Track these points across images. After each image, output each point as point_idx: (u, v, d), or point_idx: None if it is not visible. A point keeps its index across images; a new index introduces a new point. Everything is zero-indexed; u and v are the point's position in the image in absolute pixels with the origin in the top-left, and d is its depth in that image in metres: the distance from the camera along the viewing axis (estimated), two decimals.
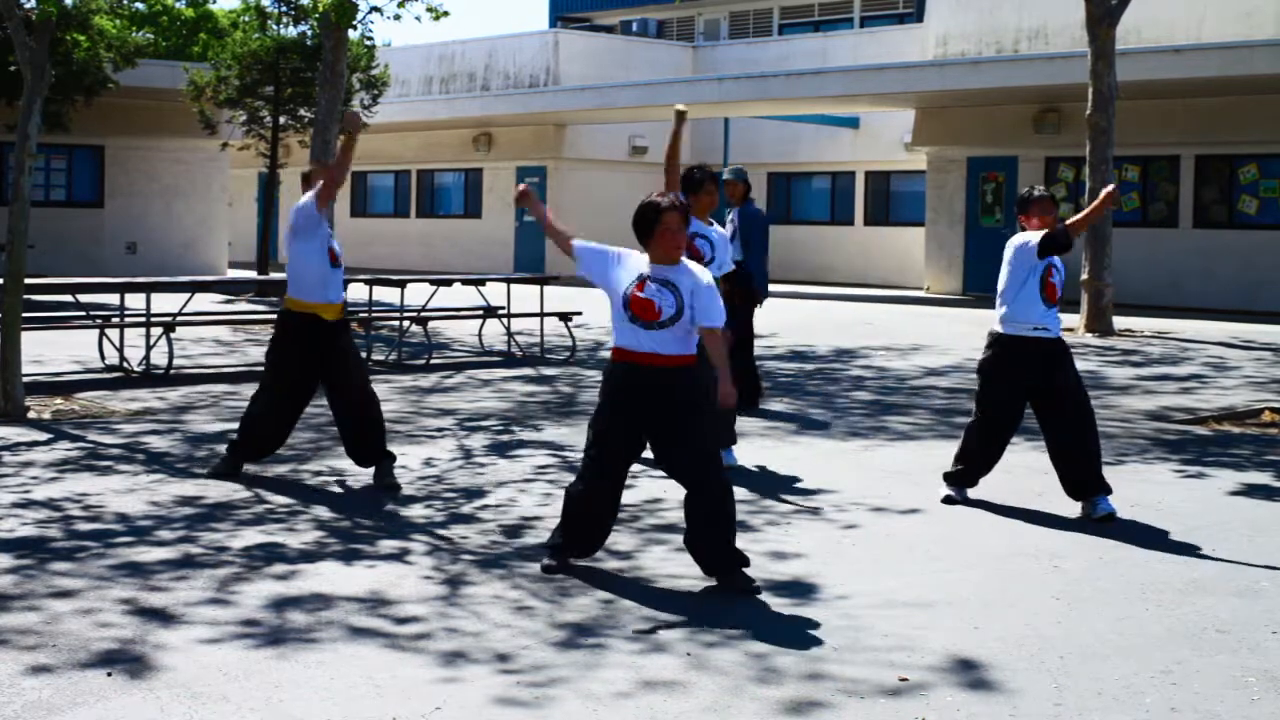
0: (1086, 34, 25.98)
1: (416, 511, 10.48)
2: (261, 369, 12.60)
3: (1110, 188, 10.75)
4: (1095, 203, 10.70)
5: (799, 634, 7.54)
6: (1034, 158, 34.98)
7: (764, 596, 8.24)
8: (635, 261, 8.58)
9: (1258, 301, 30.12)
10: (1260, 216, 31.41)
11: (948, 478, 11.13)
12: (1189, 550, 9.61)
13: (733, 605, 8.05)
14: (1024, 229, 10.80)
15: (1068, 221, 10.58)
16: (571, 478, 11.77)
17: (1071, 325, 26.00)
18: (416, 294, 23.14)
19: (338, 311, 11.39)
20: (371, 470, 11.47)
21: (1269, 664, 7.19)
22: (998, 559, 9.32)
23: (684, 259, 8.50)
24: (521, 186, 9.36)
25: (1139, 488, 11.26)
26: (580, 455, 12.81)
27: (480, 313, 21.81)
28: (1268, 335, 23.48)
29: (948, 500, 10.99)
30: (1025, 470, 12.45)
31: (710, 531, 8.38)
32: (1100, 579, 8.86)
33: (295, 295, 11.38)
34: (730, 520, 8.42)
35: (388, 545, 9.42)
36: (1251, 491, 11.48)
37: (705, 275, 8.47)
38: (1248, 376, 19.21)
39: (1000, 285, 10.76)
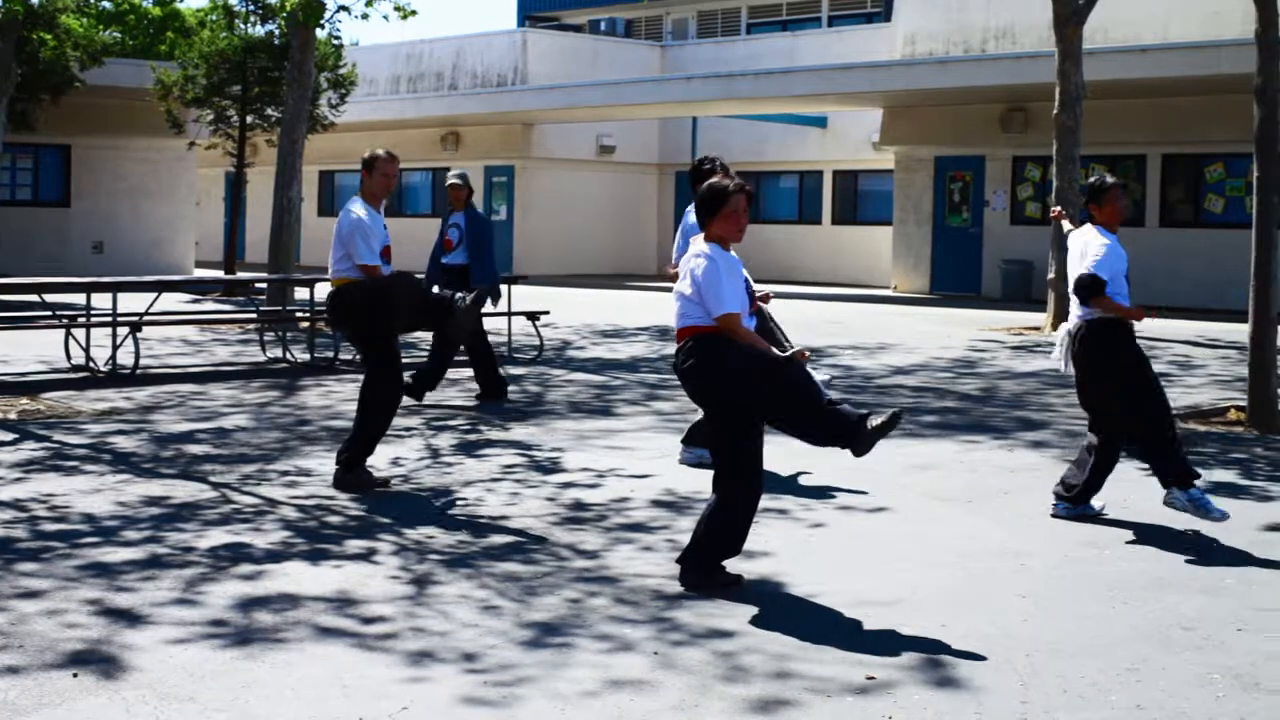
0: (1053, 34, 26.04)
1: (383, 511, 10.46)
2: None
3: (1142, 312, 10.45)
4: (1132, 311, 10.37)
5: (766, 633, 7.54)
6: (1001, 157, 35.09)
7: (731, 595, 8.24)
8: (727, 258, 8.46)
9: (1224, 300, 30.21)
10: (1226, 215, 31.55)
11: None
12: (1155, 548, 9.64)
13: (700, 604, 8.05)
14: (1093, 218, 10.49)
15: (1102, 297, 10.32)
16: (538, 476, 11.79)
17: (1038, 324, 26.09)
18: None
19: None
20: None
21: (1234, 661, 7.21)
22: (964, 557, 9.34)
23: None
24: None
25: (1105, 485, 11.27)
26: (548, 455, 12.83)
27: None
28: (1233, 334, 23.56)
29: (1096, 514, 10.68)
30: (991, 469, 12.49)
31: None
32: (1066, 577, 8.88)
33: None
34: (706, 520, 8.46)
35: (354, 545, 9.40)
36: (1217, 490, 11.51)
37: None
38: (1213, 375, 19.27)
39: (1107, 274, 10.18)
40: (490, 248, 16.37)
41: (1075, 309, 10.42)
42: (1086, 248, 10.36)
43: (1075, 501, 10.52)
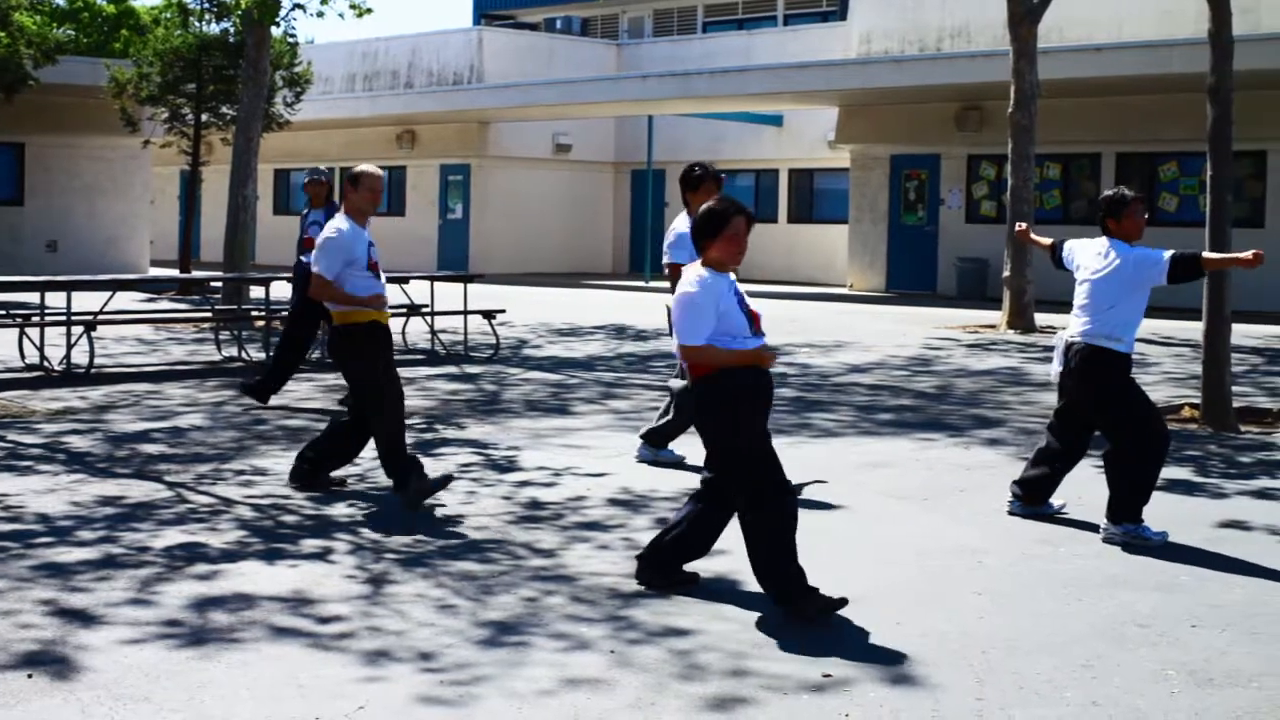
0: (1008, 33, 26.13)
1: (339, 510, 10.44)
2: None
3: (1258, 253, 10.05)
4: (1242, 257, 10.16)
5: (722, 631, 7.55)
6: (956, 155, 35.18)
7: (688, 593, 8.24)
8: (713, 280, 8.35)
9: (1178, 298, 30.21)
10: (1180, 214, 31.66)
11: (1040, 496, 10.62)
12: (1110, 546, 9.67)
13: (656, 602, 8.05)
14: (1110, 232, 10.21)
15: (1204, 256, 10.17)
16: (495, 475, 11.77)
17: (993, 322, 26.16)
18: None
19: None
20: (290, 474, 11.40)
21: (1189, 658, 7.24)
22: (920, 555, 9.36)
23: None
24: None
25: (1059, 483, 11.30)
26: (504, 454, 12.81)
27: (404, 310, 21.73)
28: (1187, 331, 23.65)
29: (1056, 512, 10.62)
30: (947, 467, 12.51)
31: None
32: (1022, 574, 8.91)
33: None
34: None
35: (310, 544, 9.38)
36: (1171, 487, 11.56)
37: None
38: (1167, 373, 19.36)
39: (1112, 299, 10.08)
40: None
41: (1077, 321, 10.18)
42: (1123, 255, 10.08)
43: (1031, 501, 10.53)
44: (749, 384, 8.08)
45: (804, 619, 7.74)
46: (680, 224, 11.66)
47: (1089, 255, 10.31)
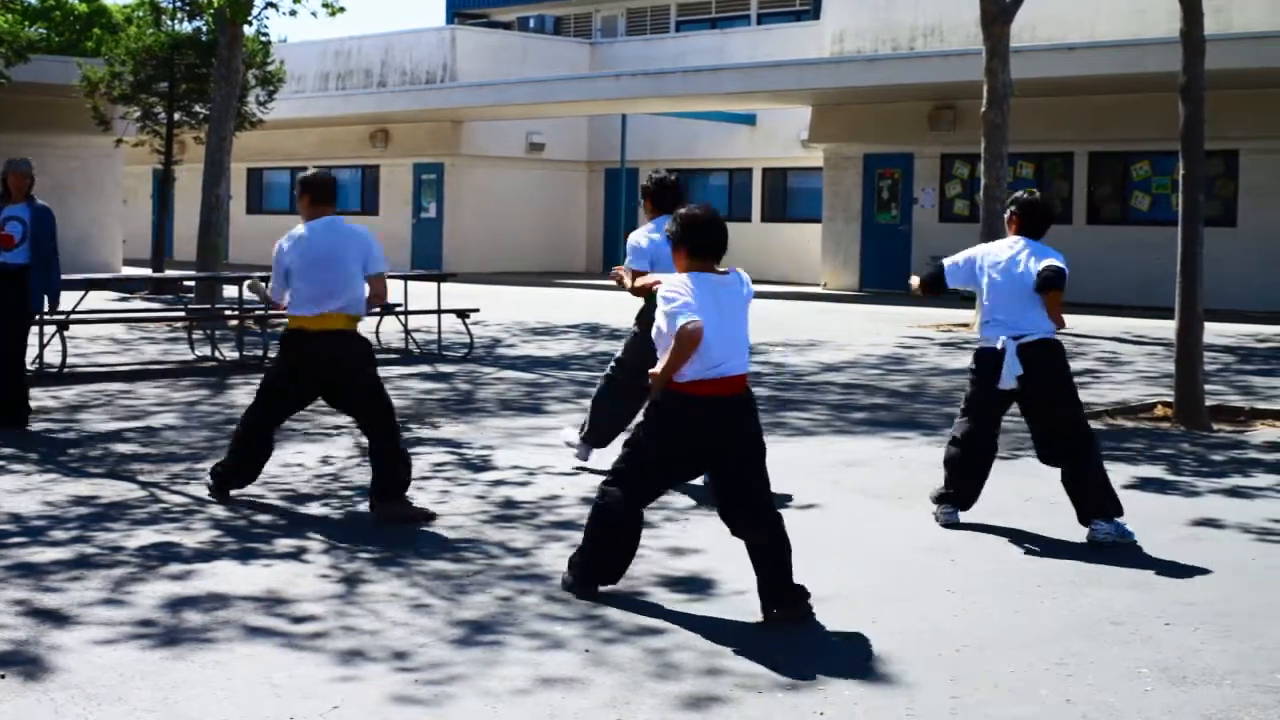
0: (981, 32, 26.15)
1: (313, 510, 10.42)
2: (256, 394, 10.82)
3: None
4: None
5: (697, 629, 7.55)
6: (930, 154, 35.22)
7: (662, 592, 8.24)
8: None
9: (1151, 297, 30.38)
10: (1152, 213, 31.73)
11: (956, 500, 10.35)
12: (1083, 544, 9.69)
13: (630, 601, 8.05)
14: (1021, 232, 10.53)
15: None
16: (469, 474, 11.77)
17: (966, 321, 26.20)
18: None
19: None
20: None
21: (1162, 655, 7.26)
22: (894, 553, 9.37)
23: None
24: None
25: (1033, 482, 11.32)
26: (478, 453, 12.80)
27: (377, 310, 21.68)
28: (1160, 330, 23.71)
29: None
30: (921, 465, 12.52)
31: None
32: (995, 573, 8.92)
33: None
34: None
35: (284, 544, 9.36)
36: (1145, 485, 11.59)
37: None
38: (1140, 371, 19.40)
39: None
40: (55, 247, 14.34)
41: (1019, 319, 10.32)
42: (1034, 248, 10.35)
43: (964, 505, 10.28)
44: None
45: (786, 621, 7.74)
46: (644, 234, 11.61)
47: (1005, 255, 10.46)
